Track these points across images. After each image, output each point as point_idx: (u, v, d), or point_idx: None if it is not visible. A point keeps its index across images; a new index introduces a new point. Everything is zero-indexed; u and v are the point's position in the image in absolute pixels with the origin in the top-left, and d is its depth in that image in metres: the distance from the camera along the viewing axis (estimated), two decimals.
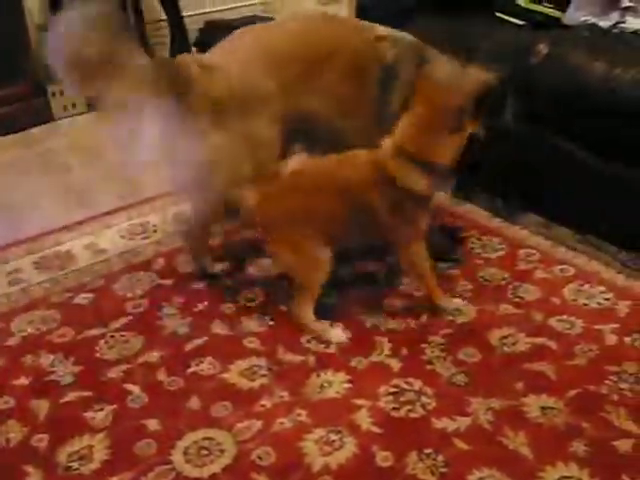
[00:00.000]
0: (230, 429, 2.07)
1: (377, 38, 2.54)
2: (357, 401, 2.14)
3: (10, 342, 2.47)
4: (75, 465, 1.98)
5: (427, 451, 1.96)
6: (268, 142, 2.46)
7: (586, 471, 1.88)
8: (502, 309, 2.50)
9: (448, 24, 3.13)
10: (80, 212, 3.33)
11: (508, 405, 2.10)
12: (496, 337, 2.38)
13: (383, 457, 1.95)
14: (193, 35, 5.12)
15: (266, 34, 2.60)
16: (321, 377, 2.24)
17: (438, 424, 2.05)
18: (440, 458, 1.94)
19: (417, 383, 2.20)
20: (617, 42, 2.90)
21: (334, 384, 2.21)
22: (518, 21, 3.21)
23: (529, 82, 2.79)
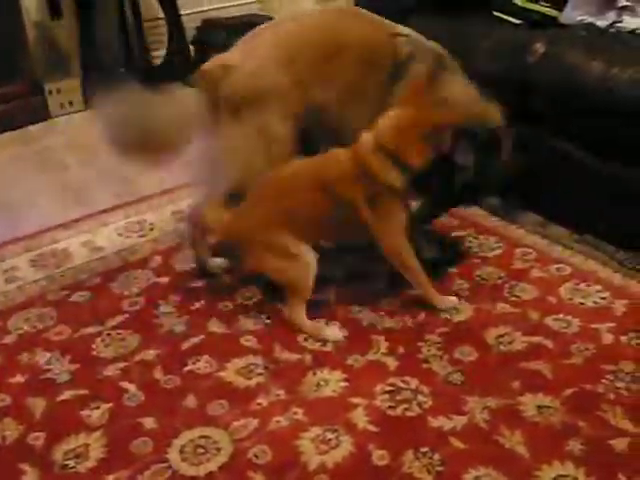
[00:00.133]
0: (226, 427, 2.06)
1: (392, 35, 2.55)
2: (353, 400, 2.14)
3: (6, 340, 2.47)
4: (71, 463, 1.97)
5: (423, 450, 1.96)
6: (281, 138, 2.50)
7: (582, 470, 1.88)
8: (499, 308, 2.50)
9: (447, 23, 3.14)
10: (77, 210, 3.33)
11: (504, 404, 2.10)
12: (492, 336, 2.38)
13: (379, 456, 1.95)
14: (191, 33, 5.12)
15: (282, 30, 2.64)
16: (317, 375, 2.24)
17: (434, 423, 2.05)
18: (436, 457, 1.94)
19: (413, 382, 2.20)
20: (614, 41, 2.89)
21: (330, 382, 2.21)
22: (515, 20, 3.22)
23: (526, 81, 2.79)
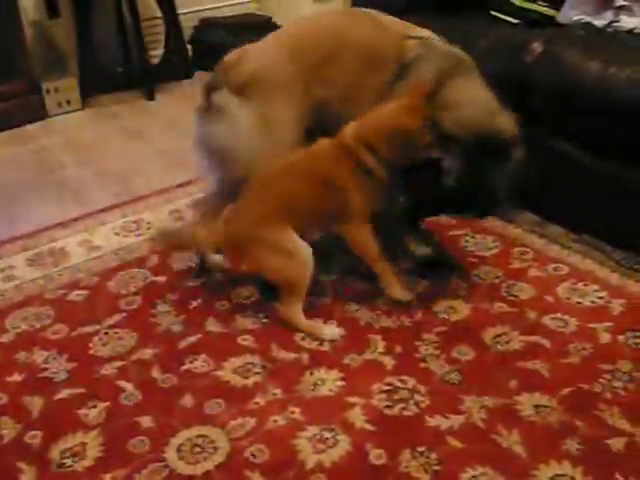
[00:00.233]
0: (223, 426, 2.06)
1: (403, 37, 2.55)
2: (350, 399, 2.14)
3: (4, 339, 2.47)
4: (68, 462, 1.97)
5: (420, 449, 1.96)
6: (287, 123, 2.52)
7: (579, 469, 1.88)
8: (496, 307, 2.50)
9: (444, 23, 3.13)
10: (74, 209, 3.34)
11: (502, 403, 2.10)
12: (490, 335, 2.38)
13: (376, 455, 1.95)
14: (188, 33, 5.13)
15: (296, 28, 2.76)
16: (315, 375, 2.24)
17: (431, 422, 2.05)
18: (433, 456, 1.94)
19: (411, 381, 2.20)
20: (612, 41, 2.90)
21: (327, 382, 2.21)
22: (513, 19, 3.22)
23: (524, 81, 2.79)
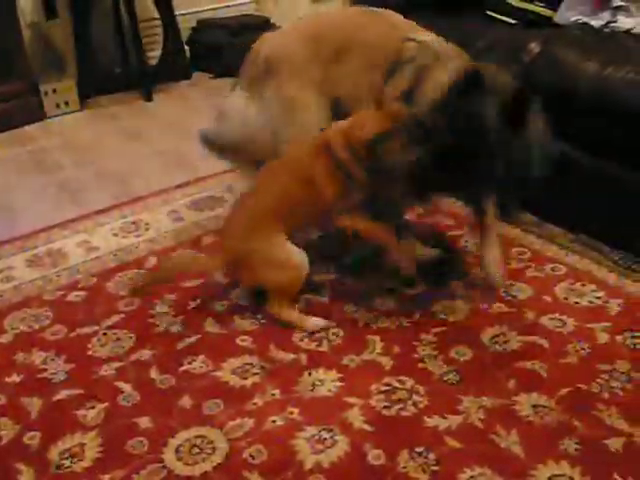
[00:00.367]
0: (222, 427, 2.06)
1: (403, 39, 2.56)
2: (349, 399, 2.14)
3: (2, 339, 2.47)
4: (67, 463, 1.97)
5: (418, 449, 1.96)
6: (305, 104, 2.57)
7: (577, 469, 1.88)
8: (494, 307, 2.51)
9: (442, 23, 3.13)
10: (73, 210, 3.34)
11: (500, 403, 2.10)
12: (488, 335, 2.38)
13: (375, 455, 1.95)
14: (186, 34, 5.13)
15: (316, 18, 2.92)
16: (313, 375, 2.24)
17: (430, 422, 2.05)
18: (431, 456, 1.94)
19: (409, 381, 2.20)
20: (609, 41, 2.90)
21: (326, 382, 2.21)
22: (510, 20, 3.22)
23: (521, 81, 2.79)
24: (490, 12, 3.28)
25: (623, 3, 2.99)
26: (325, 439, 2.01)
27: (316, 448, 1.98)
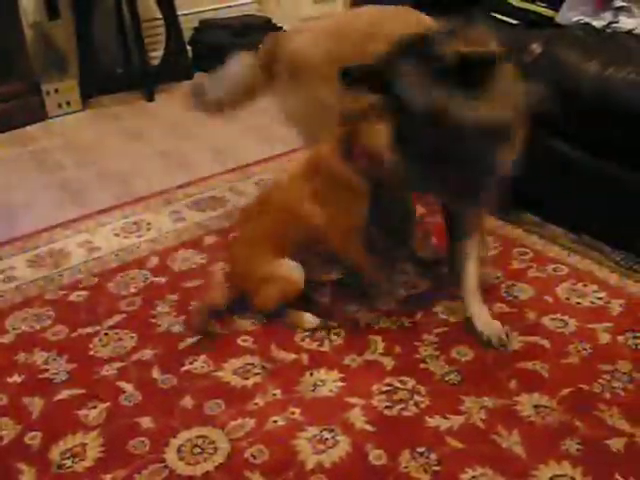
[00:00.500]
0: (223, 427, 2.07)
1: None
2: (350, 399, 2.14)
3: (4, 339, 2.47)
4: (68, 463, 1.97)
5: (420, 449, 1.96)
6: (328, 102, 2.52)
7: (579, 470, 1.88)
8: (496, 308, 2.50)
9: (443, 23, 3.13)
10: (74, 210, 3.34)
11: (501, 404, 2.10)
12: None
13: (376, 455, 1.95)
14: (188, 34, 5.13)
15: (341, 16, 3.04)
16: (314, 375, 2.24)
17: (431, 422, 2.05)
18: (433, 456, 1.94)
19: (410, 381, 2.20)
20: (610, 42, 2.90)
21: (327, 382, 2.21)
22: (512, 20, 3.22)
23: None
24: (492, 13, 3.28)
25: (625, 4, 2.99)
26: (326, 439, 2.01)
27: (317, 448, 1.98)
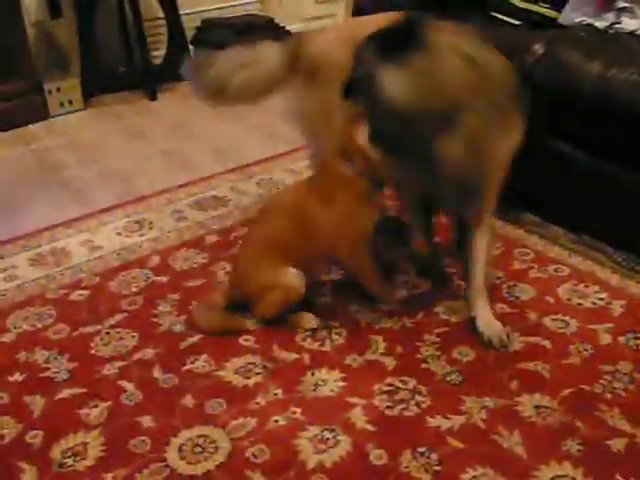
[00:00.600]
0: (224, 426, 2.07)
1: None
2: (351, 399, 2.15)
3: (5, 338, 2.47)
4: (69, 461, 1.97)
5: (421, 449, 1.96)
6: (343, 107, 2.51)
7: (580, 470, 1.88)
8: (497, 308, 2.50)
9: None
10: (76, 209, 3.34)
11: (502, 404, 2.11)
12: None
13: (377, 455, 1.96)
14: (191, 33, 5.12)
15: (358, 21, 2.90)
16: (316, 375, 2.25)
17: (432, 422, 2.05)
18: (434, 456, 1.94)
19: (411, 381, 2.21)
20: (613, 43, 2.90)
21: (329, 382, 2.22)
22: (514, 21, 3.22)
23: (525, 82, 2.79)
24: (495, 13, 3.28)
25: (627, 4, 2.98)
26: (327, 439, 2.01)
27: (318, 448, 1.98)
